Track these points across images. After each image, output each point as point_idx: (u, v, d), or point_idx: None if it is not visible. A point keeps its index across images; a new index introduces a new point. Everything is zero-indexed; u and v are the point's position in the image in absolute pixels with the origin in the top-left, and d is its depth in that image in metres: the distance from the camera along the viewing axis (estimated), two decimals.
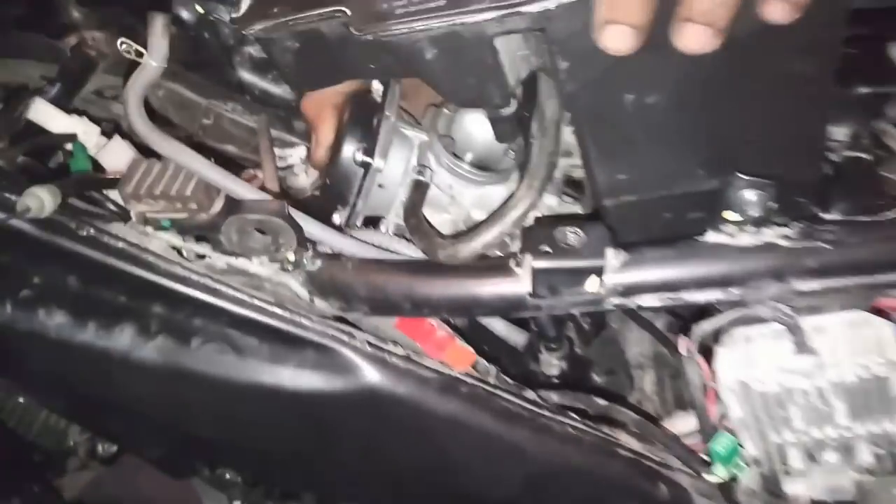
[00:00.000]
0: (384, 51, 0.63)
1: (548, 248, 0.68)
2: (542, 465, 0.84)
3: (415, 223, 0.77)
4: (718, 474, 0.75)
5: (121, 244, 0.74)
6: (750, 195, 0.66)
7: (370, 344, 0.78)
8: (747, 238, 0.69)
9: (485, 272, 0.73)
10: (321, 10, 0.61)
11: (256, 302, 0.76)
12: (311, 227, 0.75)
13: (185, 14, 1.05)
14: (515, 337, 0.88)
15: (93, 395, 0.82)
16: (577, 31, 0.56)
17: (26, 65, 1.04)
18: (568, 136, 0.80)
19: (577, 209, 0.88)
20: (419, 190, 0.82)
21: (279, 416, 0.80)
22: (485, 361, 0.86)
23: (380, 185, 0.85)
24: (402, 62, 0.63)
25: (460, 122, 0.89)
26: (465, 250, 0.71)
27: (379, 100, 0.87)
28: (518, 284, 0.71)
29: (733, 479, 0.77)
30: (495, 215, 0.71)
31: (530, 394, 0.86)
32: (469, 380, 0.83)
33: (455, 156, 0.84)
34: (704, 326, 0.72)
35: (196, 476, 1.14)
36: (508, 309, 0.73)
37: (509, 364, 0.91)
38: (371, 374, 0.78)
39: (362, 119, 0.85)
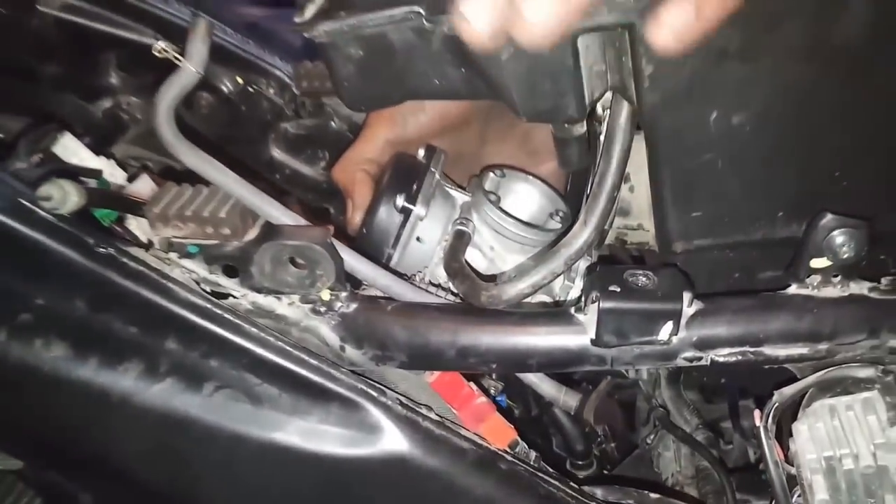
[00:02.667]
0: (454, 60, 0.60)
1: (617, 288, 0.62)
2: None
3: (456, 267, 0.71)
4: None
5: (140, 267, 0.67)
6: (840, 238, 0.60)
7: (402, 404, 0.69)
8: (834, 290, 0.63)
9: (541, 319, 0.66)
10: (393, 11, 0.59)
11: (281, 344, 0.68)
12: (354, 260, 0.68)
13: (224, 85, 1.05)
14: (566, 398, 0.79)
15: (80, 445, 0.71)
16: None
17: None
18: (624, 192, 0.76)
19: None
20: (461, 238, 0.77)
21: (293, 482, 0.70)
22: (524, 443, 0.77)
23: (418, 239, 0.80)
24: (472, 69, 0.59)
25: (508, 187, 0.86)
26: (511, 291, 0.65)
27: (422, 159, 0.84)
28: (580, 332, 0.64)
29: None
30: (547, 253, 0.65)
31: (573, 486, 0.76)
32: (509, 457, 0.73)
33: (501, 210, 0.79)
34: (785, 392, 0.64)
35: None
36: (568, 361, 0.65)
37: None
38: (401, 438, 0.68)
39: (404, 176, 0.81)
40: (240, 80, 1.03)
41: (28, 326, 0.68)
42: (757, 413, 0.66)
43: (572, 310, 0.65)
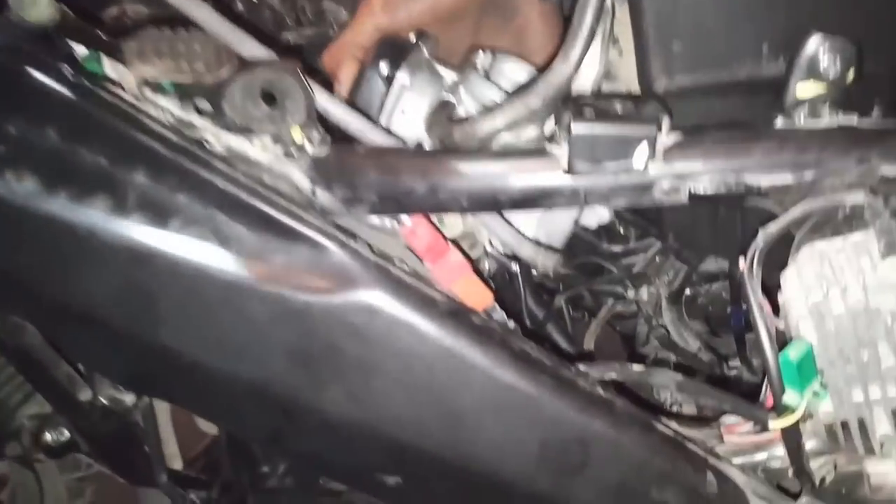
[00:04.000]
0: None
1: (591, 113, 0.59)
2: (564, 431, 0.69)
3: (432, 121, 0.69)
4: (792, 405, 0.60)
5: (113, 99, 0.66)
6: (827, 56, 0.57)
7: (372, 250, 0.67)
8: (821, 122, 0.59)
9: (512, 153, 0.64)
10: None
11: (250, 182, 0.66)
12: (326, 100, 0.67)
13: None
14: (544, 258, 0.75)
15: (46, 285, 0.70)
16: None
17: None
18: (613, 55, 0.74)
19: None
20: (444, 107, 0.75)
21: (257, 324, 0.67)
22: (503, 312, 0.74)
23: (403, 112, 0.78)
24: None
25: (498, 68, 0.84)
26: (486, 126, 0.63)
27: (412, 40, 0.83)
28: (553, 166, 0.62)
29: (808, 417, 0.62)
30: (520, 89, 0.63)
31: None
32: (483, 314, 0.70)
33: (491, 82, 0.77)
34: (770, 230, 0.61)
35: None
36: (540, 196, 0.63)
37: None
38: (370, 283, 0.66)
39: (391, 48, 0.80)
40: None
41: (1, 158, 0.67)
42: (741, 258, 0.62)
43: (546, 143, 0.63)
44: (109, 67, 0.70)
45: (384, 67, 0.76)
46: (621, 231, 1.08)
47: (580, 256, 1.10)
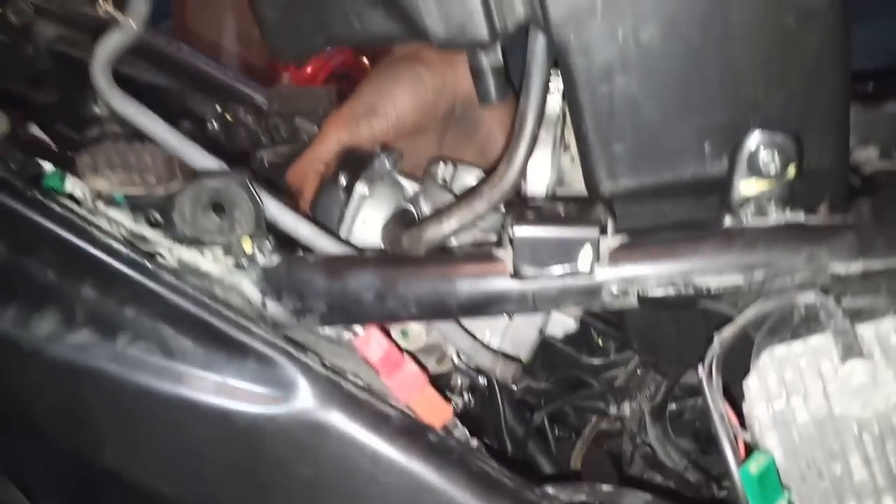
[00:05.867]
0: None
1: (533, 216, 0.59)
2: None
3: (388, 228, 0.69)
4: None
5: (64, 212, 0.67)
6: (766, 153, 0.57)
7: (322, 364, 0.65)
8: (768, 220, 0.59)
9: (459, 258, 0.63)
10: None
11: (198, 295, 0.66)
12: (276, 208, 0.67)
13: (204, 113, 1.09)
14: (503, 367, 0.72)
15: None
16: None
17: None
18: (565, 161, 0.75)
19: None
20: (402, 216, 0.75)
21: (203, 439, 0.65)
22: (464, 428, 0.71)
23: (363, 222, 0.78)
24: (387, 5, 0.60)
25: (459, 178, 0.84)
26: (433, 233, 0.62)
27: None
28: (500, 270, 0.61)
29: None
30: (467, 194, 0.63)
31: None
32: (440, 432, 0.67)
33: (452, 193, 0.78)
34: (725, 335, 0.59)
35: None
36: (488, 301, 0.61)
37: None
38: (319, 398, 0.64)
39: (351, 160, 0.81)
40: (218, 108, 1.06)
41: None
42: (699, 368, 0.60)
43: (492, 249, 0.62)
44: (68, 182, 0.71)
45: (343, 178, 0.77)
46: (600, 343, 1.06)
47: (560, 370, 1.07)
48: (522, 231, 0.58)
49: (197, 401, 0.64)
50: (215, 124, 1.07)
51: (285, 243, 0.70)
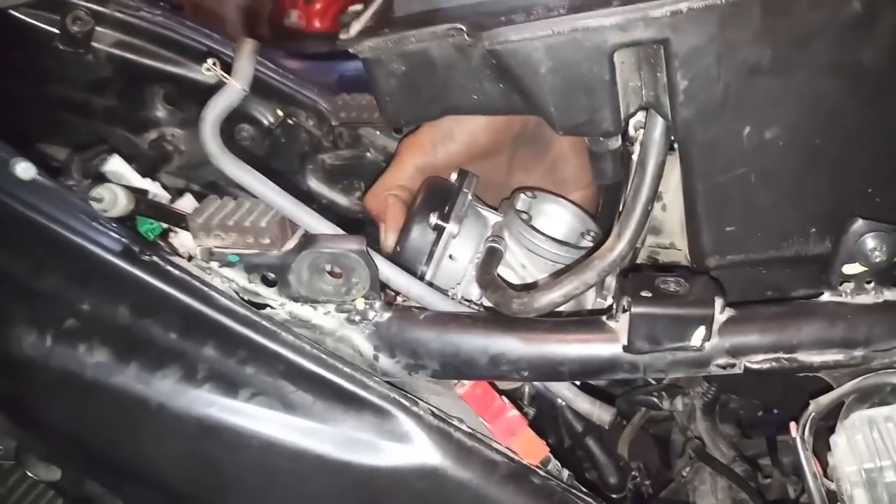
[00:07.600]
0: (492, 75, 0.62)
1: (648, 294, 0.62)
2: None
3: (488, 279, 0.72)
4: None
5: (182, 274, 0.69)
6: (872, 242, 0.60)
7: (434, 414, 0.70)
8: (868, 297, 0.62)
9: (572, 326, 0.66)
10: (435, 28, 0.61)
11: (316, 352, 0.69)
12: (388, 270, 0.70)
13: (264, 118, 1.09)
14: (600, 412, 0.78)
15: (117, 451, 0.72)
16: (701, 45, 0.55)
17: None
18: (657, 210, 0.77)
19: None
20: (493, 255, 0.78)
21: (324, 490, 0.70)
22: (556, 461, 0.76)
23: (451, 257, 0.81)
24: (511, 84, 0.61)
25: (539, 208, 0.87)
26: (543, 300, 0.65)
27: (454, 182, 0.86)
28: (611, 340, 0.64)
29: None
30: (580, 265, 0.66)
31: None
32: (541, 472, 0.72)
33: (533, 227, 0.81)
34: (822, 401, 0.64)
35: None
36: (600, 369, 0.66)
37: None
38: (432, 448, 0.69)
39: (437, 195, 0.83)
40: (280, 113, 1.06)
41: (73, 331, 0.70)
42: (793, 424, 0.65)
43: (604, 317, 0.65)
44: (179, 245, 0.72)
45: (433, 218, 0.79)
46: None
47: None
48: (640, 310, 0.62)
49: (317, 452, 0.69)
50: (274, 128, 1.07)
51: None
